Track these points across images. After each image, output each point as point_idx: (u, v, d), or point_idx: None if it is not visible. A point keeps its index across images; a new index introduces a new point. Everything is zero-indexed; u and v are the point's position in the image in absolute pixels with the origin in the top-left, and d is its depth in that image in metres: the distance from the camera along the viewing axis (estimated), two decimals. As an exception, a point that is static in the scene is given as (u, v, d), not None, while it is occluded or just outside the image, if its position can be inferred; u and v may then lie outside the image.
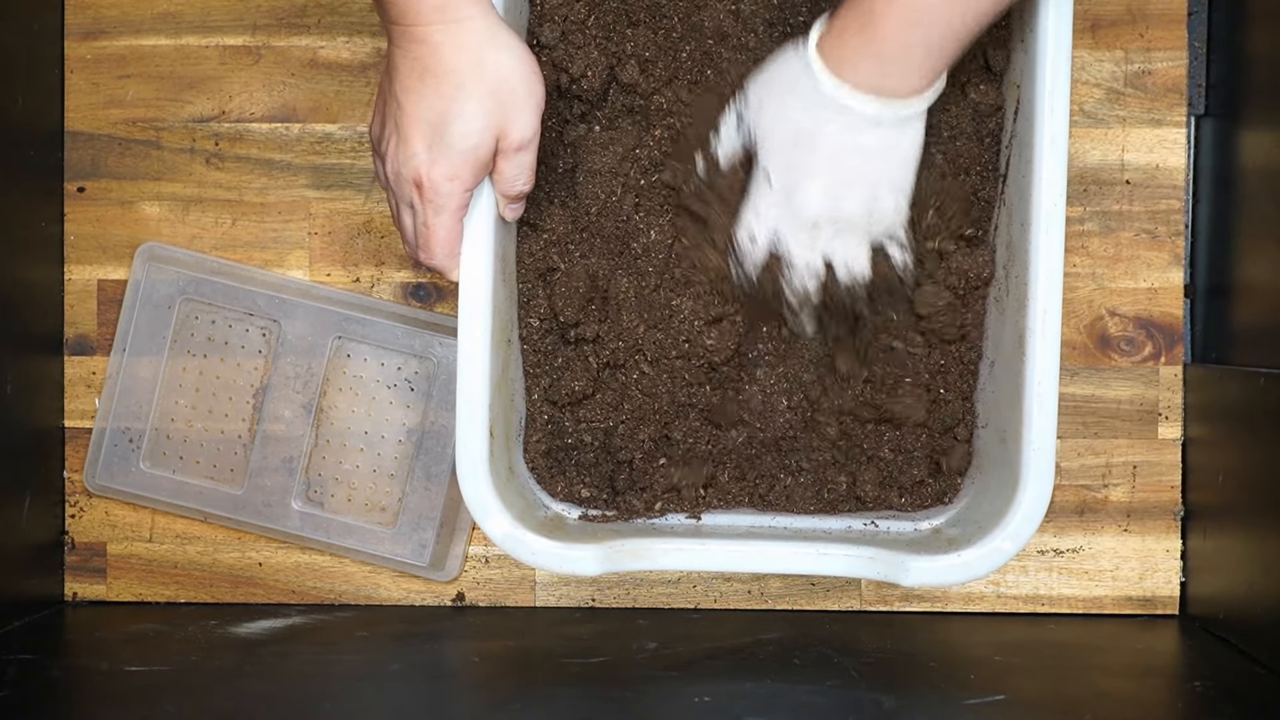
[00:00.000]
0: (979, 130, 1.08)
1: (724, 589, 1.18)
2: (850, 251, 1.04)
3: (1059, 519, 1.17)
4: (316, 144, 1.19)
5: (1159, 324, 1.17)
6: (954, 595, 1.18)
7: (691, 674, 1.04)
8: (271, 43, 1.19)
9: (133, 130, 1.19)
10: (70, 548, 1.20)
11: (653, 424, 1.10)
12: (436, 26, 0.94)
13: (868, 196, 1.02)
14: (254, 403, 1.18)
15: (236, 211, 1.19)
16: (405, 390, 1.17)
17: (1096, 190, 1.17)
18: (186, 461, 1.18)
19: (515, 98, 0.97)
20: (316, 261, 1.19)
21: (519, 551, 1.02)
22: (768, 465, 1.11)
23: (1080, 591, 1.18)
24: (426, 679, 1.05)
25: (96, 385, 1.19)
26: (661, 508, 1.10)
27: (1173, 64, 1.17)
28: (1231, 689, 1.02)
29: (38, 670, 1.04)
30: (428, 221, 0.99)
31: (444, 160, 0.96)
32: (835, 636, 1.12)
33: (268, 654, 1.08)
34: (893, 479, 1.10)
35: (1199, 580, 1.16)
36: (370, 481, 1.18)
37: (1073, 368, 1.17)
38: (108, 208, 1.19)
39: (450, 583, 1.19)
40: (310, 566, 1.19)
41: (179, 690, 1.01)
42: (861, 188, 1.01)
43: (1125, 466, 1.17)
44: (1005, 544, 1.01)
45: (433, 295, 1.19)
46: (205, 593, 1.19)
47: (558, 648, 1.11)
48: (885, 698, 0.98)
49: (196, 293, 1.18)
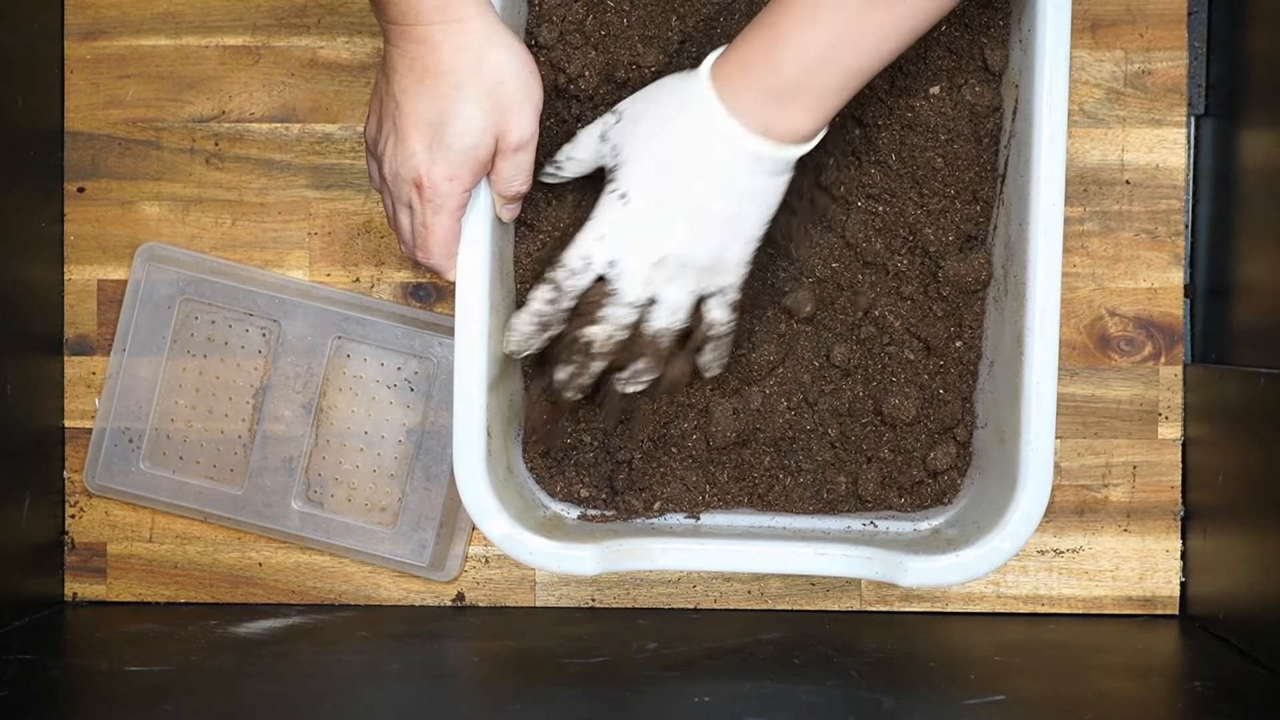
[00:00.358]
0: (977, 131, 1.08)
1: (724, 589, 1.18)
2: (678, 297, 1.01)
3: (1059, 519, 1.17)
4: (316, 144, 1.19)
5: (1159, 324, 1.17)
6: (954, 595, 1.18)
7: (691, 674, 1.04)
8: (271, 43, 1.19)
9: (133, 130, 1.19)
10: (70, 548, 1.20)
11: (651, 424, 1.10)
12: (436, 27, 0.94)
13: (721, 243, 0.99)
14: (254, 403, 1.18)
15: (236, 211, 1.19)
16: (405, 390, 1.17)
17: (1096, 190, 1.17)
18: (186, 461, 1.18)
19: (514, 98, 0.96)
20: (316, 261, 1.19)
21: (517, 551, 1.02)
22: (767, 465, 1.11)
23: (1080, 591, 1.18)
24: (426, 679, 1.05)
25: (96, 385, 1.19)
26: (660, 507, 1.10)
27: (1173, 64, 1.17)
28: (1231, 689, 1.02)
29: (38, 670, 1.04)
30: (426, 221, 0.99)
31: (443, 160, 0.96)
32: (835, 636, 1.12)
33: (268, 654, 1.08)
34: (892, 479, 1.10)
35: (1199, 580, 1.16)
36: (370, 481, 1.18)
37: (1072, 368, 1.17)
38: (108, 208, 1.19)
39: (450, 583, 1.19)
40: (310, 566, 1.19)
41: (179, 690, 1.01)
42: (720, 232, 0.99)
43: (1125, 466, 1.17)
44: (1004, 544, 1.01)
45: (432, 295, 1.19)
46: (205, 593, 1.19)
47: (558, 648, 1.11)
48: (885, 698, 0.98)
49: (196, 293, 1.18)
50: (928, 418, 1.10)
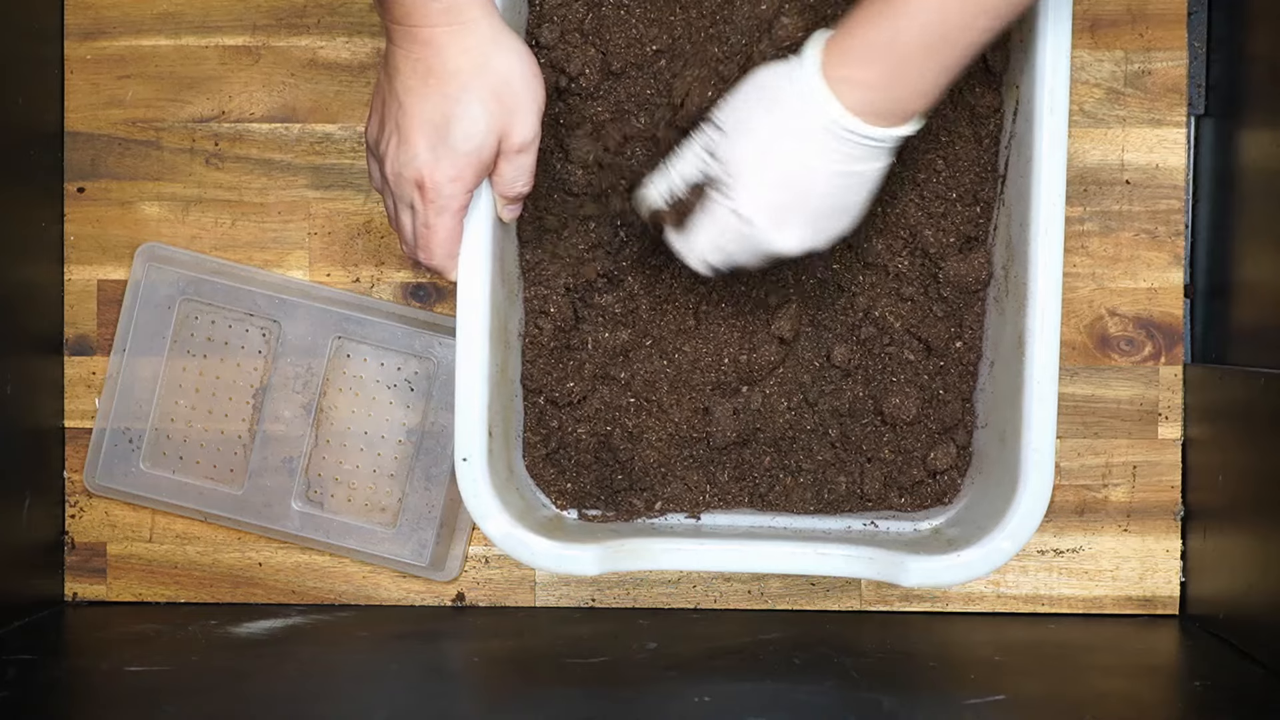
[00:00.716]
0: (977, 133, 1.08)
1: (724, 589, 1.18)
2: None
3: (1059, 519, 1.17)
4: (316, 144, 1.19)
5: (1159, 324, 1.17)
6: (954, 595, 1.18)
7: (691, 674, 1.04)
8: (271, 43, 1.19)
9: (133, 130, 1.19)
10: (70, 548, 1.20)
11: (652, 424, 1.10)
12: (442, 29, 0.94)
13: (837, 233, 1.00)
14: (254, 403, 1.18)
15: (236, 212, 1.19)
16: (405, 390, 1.17)
17: (1096, 190, 1.17)
18: (186, 461, 1.18)
19: (518, 100, 0.97)
20: (316, 261, 1.19)
21: (518, 551, 1.02)
22: (767, 465, 1.11)
23: (1080, 591, 1.18)
24: (426, 679, 1.05)
25: (96, 385, 1.19)
26: (661, 507, 1.10)
27: (1173, 64, 1.17)
28: (1231, 689, 1.02)
29: (38, 670, 1.04)
30: (429, 222, 0.98)
31: (447, 161, 0.96)
32: (835, 636, 1.12)
33: (268, 654, 1.08)
34: (892, 479, 1.10)
35: (1199, 580, 1.16)
36: (370, 481, 1.18)
37: (1073, 368, 1.17)
38: (108, 208, 1.19)
39: (450, 583, 1.19)
40: (310, 566, 1.19)
41: (179, 690, 1.01)
42: (836, 223, 1.00)
43: (1125, 466, 1.17)
44: (1005, 544, 1.01)
45: (433, 295, 1.19)
46: (205, 593, 1.19)
47: (558, 648, 1.11)
48: (885, 698, 0.98)
49: (196, 293, 1.18)
50: (928, 418, 1.10)
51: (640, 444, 1.10)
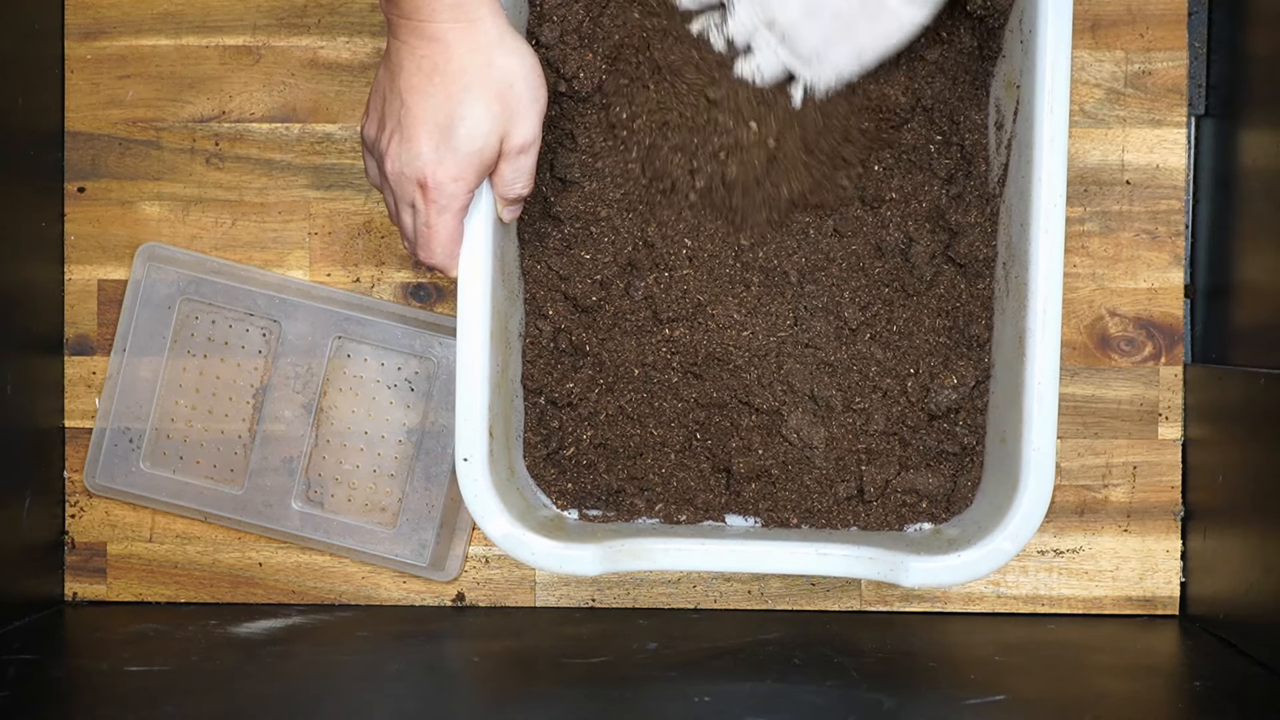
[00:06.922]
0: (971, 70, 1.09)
1: (724, 589, 1.18)
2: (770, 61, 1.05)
3: (1059, 519, 1.17)
4: (316, 144, 1.19)
5: (1159, 324, 1.17)
6: (954, 595, 1.18)
7: (691, 674, 1.04)
8: (271, 43, 1.19)
9: (133, 130, 1.19)
10: (70, 548, 1.20)
11: (653, 424, 1.10)
12: (449, 25, 0.94)
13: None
14: (254, 403, 1.18)
15: (236, 211, 1.19)
16: (405, 390, 1.17)
17: (1096, 190, 1.17)
18: (186, 461, 1.18)
19: (521, 102, 0.97)
20: (316, 261, 1.19)
21: (519, 551, 1.02)
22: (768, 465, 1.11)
23: (1080, 591, 1.18)
24: (426, 679, 1.05)
25: (96, 385, 1.19)
26: (662, 508, 1.10)
27: (1173, 64, 1.17)
28: (1231, 689, 1.02)
29: (38, 670, 1.04)
30: (430, 221, 0.98)
31: (450, 161, 0.96)
32: (835, 636, 1.12)
33: (268, 654, 1.08)
34: (892, 483, 1.10)
35: (1199, 580, 1.16)
36: (370, 481, 1.18)
37: (1073, 368, 1.17)
38: (108, 208, 1.19)
39: (450, 583, 1.19)
40: (310, 566, 1.19)
41: (179, 690, 1.01)
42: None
43: (1125, 467, 1.17)
44: (1005, 544, 1.01)
45: (433, 295, 1.19)
46: (205, 593, 1.19)
47: (558, 648, 1.11)
48: (885, 698, 0.98)
49: (196, 293, 1.18)
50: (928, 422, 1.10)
51: (641, 444, 1.10)
